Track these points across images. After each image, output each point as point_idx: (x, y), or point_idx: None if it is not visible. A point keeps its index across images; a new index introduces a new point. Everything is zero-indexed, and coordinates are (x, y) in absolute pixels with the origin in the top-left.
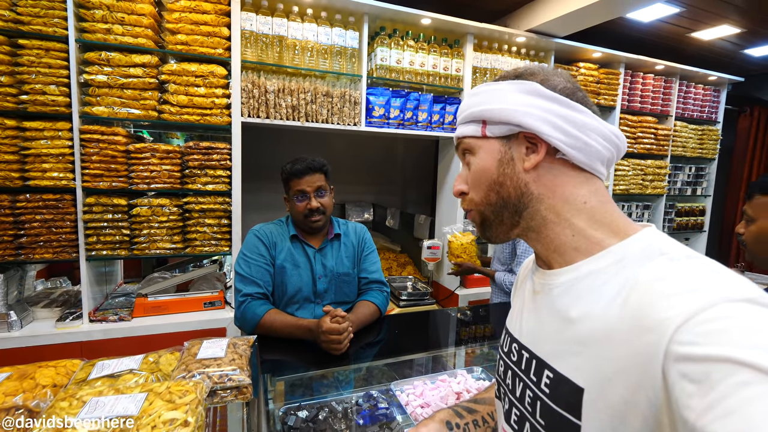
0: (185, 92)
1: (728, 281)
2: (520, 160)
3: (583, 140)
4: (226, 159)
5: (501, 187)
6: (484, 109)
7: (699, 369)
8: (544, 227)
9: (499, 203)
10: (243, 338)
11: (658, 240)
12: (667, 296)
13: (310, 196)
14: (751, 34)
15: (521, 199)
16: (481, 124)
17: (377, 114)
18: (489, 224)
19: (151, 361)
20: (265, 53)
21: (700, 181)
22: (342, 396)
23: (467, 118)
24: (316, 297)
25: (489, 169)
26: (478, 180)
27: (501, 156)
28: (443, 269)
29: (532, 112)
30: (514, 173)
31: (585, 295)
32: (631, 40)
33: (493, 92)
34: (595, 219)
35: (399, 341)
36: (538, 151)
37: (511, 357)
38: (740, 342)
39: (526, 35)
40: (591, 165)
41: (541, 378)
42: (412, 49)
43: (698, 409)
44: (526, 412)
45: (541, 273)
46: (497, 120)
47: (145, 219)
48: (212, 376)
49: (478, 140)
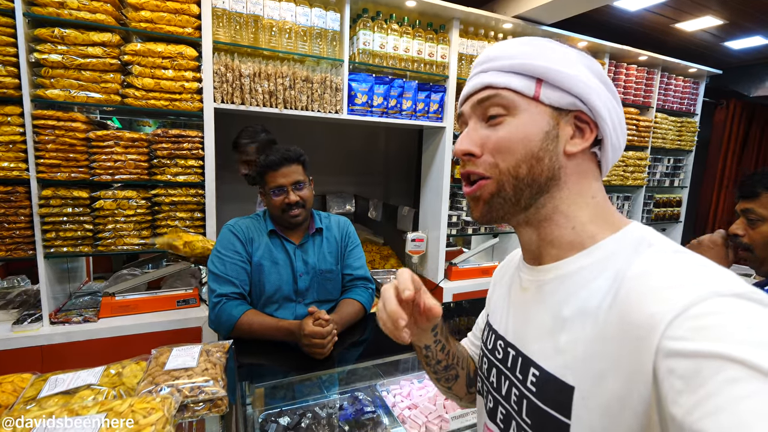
0: (151, 75)
1: (717, 276)
2: (564, 141)
3: (621, 141)
4: (198, 148)
5: (537, 162)
6: (545, 66)
7: (689, 365)
8: (550, 217)
9: (527, 180)
10: (217, 344)
11: (645, 233)
12: (655, 290)
13: (287, 190)
14: (732, 26)
15: (550, 181)
16: (536, 82)
17: (360, 101)
18: (502, 201)
19: (113, 373)
20: (239, 34)
21: (677, 172)
22: (326, 399)
23: (514, 68)
24: (297, 296)
25: (531, 139)
26: (510, 146)
27: (549, 128)
28: (428, 261)
29: (600, 92)
30: (555, 152)
31: (576, 291)
32: (616, 30)
33: (556, 52)
34: (597, 213)
35: (384, 340)
36: (585, 137)
37: (496, 354)
38: (731, 338)
39: (513, 21)
40: (608, 164)
41: (527, 376)
42: (396, 33)
43: (687, 405)
44: (512, 410)
45: (530, 269)
46: (560, 85)
47: (109, 212)
48: (182, 389)
49: (524, 100)
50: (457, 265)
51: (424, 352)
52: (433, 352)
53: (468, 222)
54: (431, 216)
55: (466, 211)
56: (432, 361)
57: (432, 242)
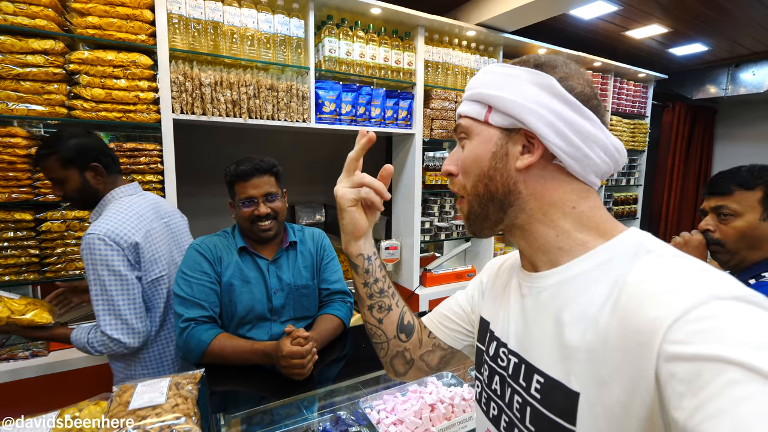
0: (101, 85)
1: (716, 279)
2: (514, 158)
3: (584, 151)
4: (156, 162)
5: (490, 180)
6: (492, 93)
7: (689, 368)
8: (528, 225)
9: (486, 196)
10: (187, 375)
11: (643, 239)
12: (655, 295)
13: (257, 201)
14: (676, 34)
15: (507, 196)
16: (486, 108)
17: (328, 109)
18: (475, 217)
19: (69, 419)
20: (197, 41)
21: (633, 171)
22: (307, 422)
23: (473, 97)
24: (272, 314)
25: (482, 159)
26: (469, 167)
27: (497, 149)
28: (402, 269)
29: (538, 111)
30: (505, 169)
31: (575, 298)
32: (572, 37)
33: (506, 77)
34: (582, 223)
35: (364, 355)
36: (533, 152)
37: (499, 362)
38: (730, 340)
39: (476, 29)
40: (584, 176)
41: (531, 383)
42: (362, 41)
43: (688, 409)
44: (515, 418)
45: (527, 276)
46: (502, 109)
47: (58, 235)
48: (150, 429)
49: (478, 124)
50: (431, 271)
51: (365, 265)
52: (374, 266)
53: (440, 228)
54: (404, 223)
55: (438, 216)
56: (371, 278)
57: (406, 249)
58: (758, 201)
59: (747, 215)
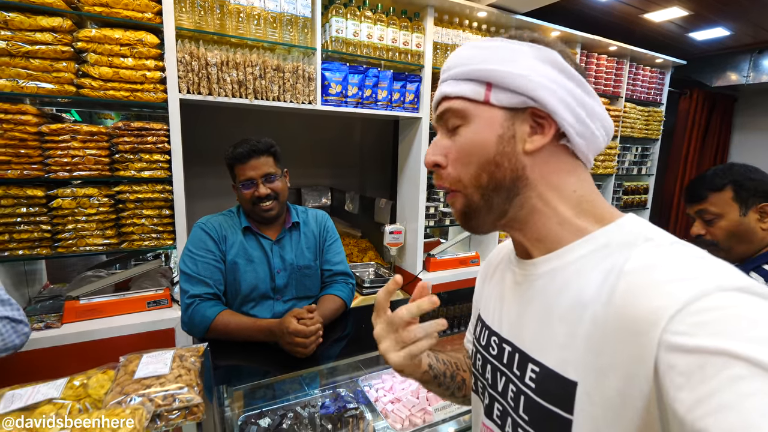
0: (109, 63)
1: (717, 269)
2: (522, 140)
3: (591, 129)
4: (163, 141)
5: (497, 167)
6: (493, 68)
7: (691, 360)
8: (531, 216)
9: (491, 186)
10: (191, 348)
11: (641, 226)
12: (657, 284)
13: (257, 182)
14: (697, 17)
15: (516, 183)
16: (485, 86)
17: (334, 91)
18: (476, 211)
19: (77, 385)
20: (204, 20)
21: (645, 160)
22: (307, 397)
23: (464, 75)
24: (275, 293)
25: (486, 145)
26: (467, 156)
27: (503, 131)
28: (406, 254)
29: (550, 86)
30: (513, 154)
31: (570, 284)
32: (587, 19)
33: (504, 50)
34: (581, 208)
35: (366, 335)
36: (545, 132)
37: (491, 351)
38: (736, 334)
39: (487, 9)
40: (587, 156)
41: (525, 372)
42: (370, 21)
43: (688, 402)
44: (509, 407)
45: (522, 263)
46: (508, 86)
47: (69, 212)
48: (155, 398)
49: (476, 105)
50: (435, 256)
51: (431, 373)
52: (437, 369)
53: (445, 213)
54: (409, 208)
55: (443, 202)
56: (440, 378)
57: (410, 234)
58: (731, 199)
59: (728, 214)
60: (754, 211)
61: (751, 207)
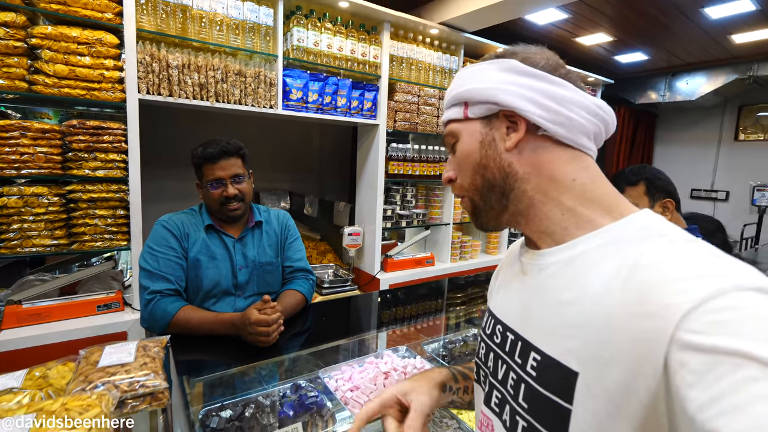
0: (65, 61)
1: (734, 267)
2: (502, 140)
3: (565, 114)
4: (120, 141)
5: (485, 169)
6: (464, 90)
7: (705, 359)
8: (532, 208)
9: (485, 186)
10: (155, 339)
11: (655, 222)
12: (673, 280)
13: (226, 183)
14: (620, 43)
15: (506, 180)
16: (464, 105)
17: (295, 97)
18: (479, 210)
19: (38, 375)
20: (165, 23)
21: None
22: (268, 390)
23: (451, 101)
24: (236, 289)
25: (472, 152)
26: (463, 164)
27: (482, 137)
28: (364, 255)
29: (508, 88)
30: (496, 154)
31: (579, 275)
32: (527, 41)
33: (473, 72)
34: (585, 197)
35: (325, 328)
36: (518, 128)
37: (494, 339)
38: (753, 335)
39: (439, 27)
40: (575, 140)
41: (527, 360)
42: (329, 32)
43: (699, 401)
44: (508, 395)
45: (530, 253)
46: (477, 100)
47: (15, 211)
48: (120, 384)
49: (461, 123)
50: (392, 257)
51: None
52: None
53: (401, 215)
54: (367, 210)
55: (400, 205)
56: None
57: (368, 236)
58: (644, 193)
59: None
60: (659, 205)
61: (657, 201)
